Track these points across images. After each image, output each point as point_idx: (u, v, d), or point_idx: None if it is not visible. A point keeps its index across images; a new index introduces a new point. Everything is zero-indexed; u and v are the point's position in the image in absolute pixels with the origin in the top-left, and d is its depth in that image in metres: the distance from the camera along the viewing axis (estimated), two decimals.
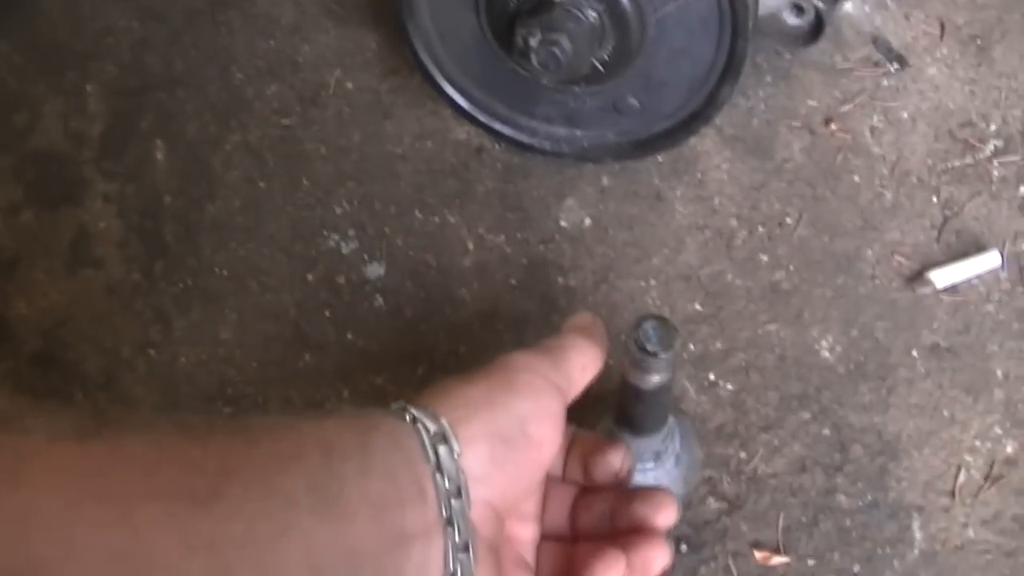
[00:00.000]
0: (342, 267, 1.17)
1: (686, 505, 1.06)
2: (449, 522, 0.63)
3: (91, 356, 1.17)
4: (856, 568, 1.05)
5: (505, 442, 0.68)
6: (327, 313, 1.15)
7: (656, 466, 0.99)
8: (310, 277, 1.17)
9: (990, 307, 1.15)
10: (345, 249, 1.18)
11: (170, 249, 1.21)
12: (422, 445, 0.63)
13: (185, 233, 1.21)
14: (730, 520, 1.06)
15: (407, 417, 0.65)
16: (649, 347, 0.77)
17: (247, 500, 0.51)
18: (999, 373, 1.13)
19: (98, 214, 1.23)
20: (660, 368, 0.80)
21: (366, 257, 1.17)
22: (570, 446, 0.82)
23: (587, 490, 0.82)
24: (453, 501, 0.63)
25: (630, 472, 0.81)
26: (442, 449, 0.63)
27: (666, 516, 0.76)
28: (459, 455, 0.65)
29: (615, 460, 0.79)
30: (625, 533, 0.77)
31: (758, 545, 1.06)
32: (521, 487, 0.73)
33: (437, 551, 0.63)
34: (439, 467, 0.63)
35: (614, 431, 0.94)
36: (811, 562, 1.05)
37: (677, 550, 1.05)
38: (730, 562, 1.05)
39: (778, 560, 1.05)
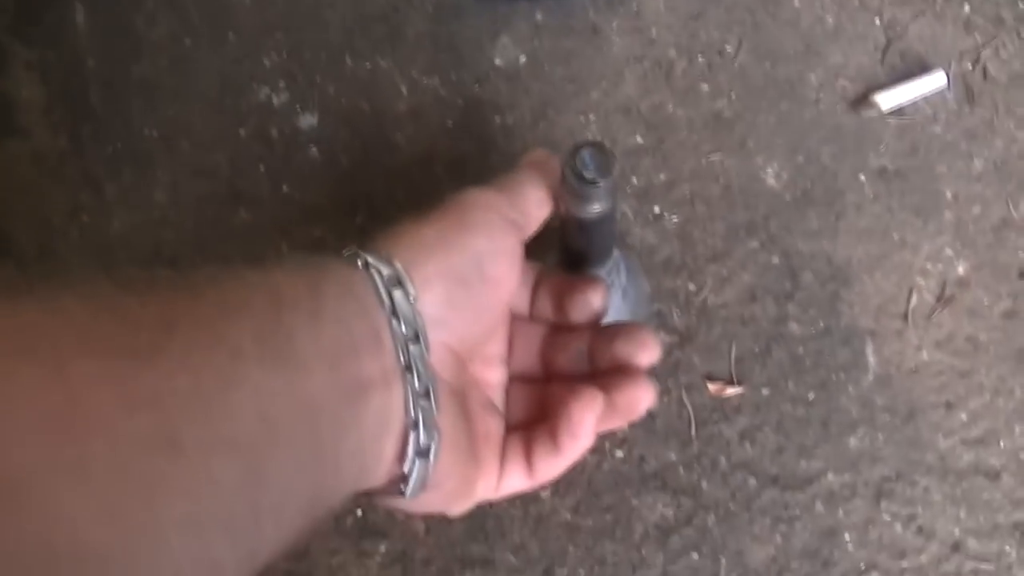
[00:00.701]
0: (274, 119, 1.11)
1: None
2: (408, 368, 0.59)
3: (22, 228, 1.12)
4: (811, 395, 1.02)
5: (462, 282, 0.64)
6: (261, 167, 1.10)
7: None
8: (242, 132, 1.12)
9: (937, 128, 1.11)
10: (276, 101, 1.12)
11: (97, 113, 1.15)
12: (376, 290, 0.59)
13: (111, 96, 1.15)
14: (682, 353, 1.03)
15: (359, 262, 0.60)
16: (587, 175, 0.73)
17: (191, 352, 0.47)
18: (948, 194, 1.09)
19: (20, 82, 1.18)
20: (600, 196, 0.76)
21: (298, 108, 1.12)
22: (536, 284, 0.77)
23: (558, 329, 0.78)
24: (411, 346, 0.59)
25: (606, 310, 0.77)
26: (397, 293, 0.59)
27: (650, 354, 0.72)
28: (415, 298, 0.60)
29: (595, 299, 0.74)
30: (604, 373, 0.73)
31: (711, 377, 1.03)
32: (481, 328, 0.69)
33: (397, 399, 0.59)
34: (395, 312, 0.59)
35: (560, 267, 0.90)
36: (765, 391, 1.02)
37: None
38: (683, 395, 1.02)
39: (732, 391, 1.02)
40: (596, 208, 0.79)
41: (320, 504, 0.56)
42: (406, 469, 0.62)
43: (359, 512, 1.00)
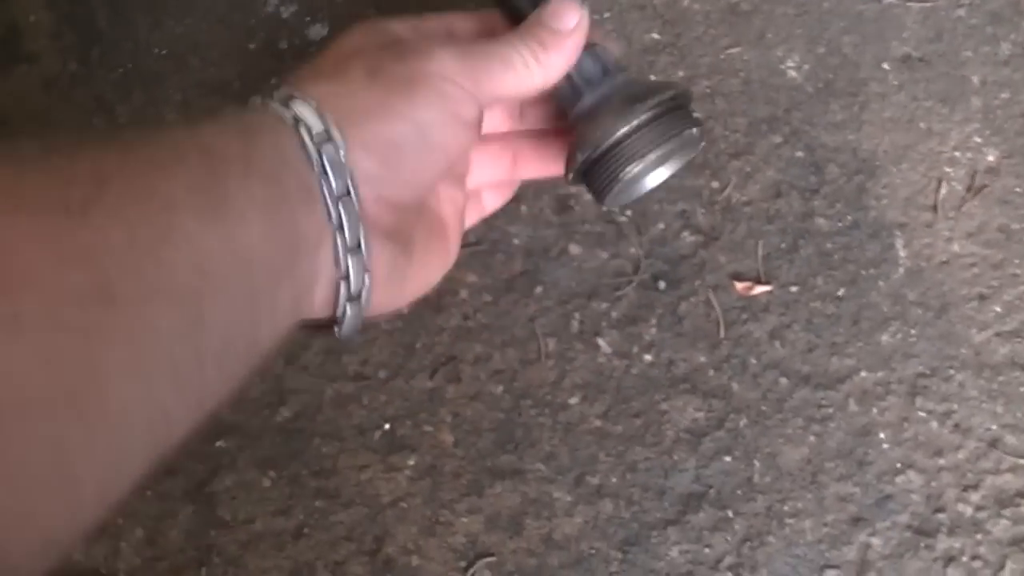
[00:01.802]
0: (283, 32, 1.06)
1: (661, 241, 0.97)
2: (339, 226, 0.57)
3: None
4: (840, 292, 0.97)
5: (400, 147, 0.61)
6: (273, 81, 1.05)
7: None
8: (252, 46, 1.07)
9: (961, 12, 1.05)
10: (285, 13, 1.07)
11: (105, 34, 1.10)
12: (303, 146, 0.57)
13: (118, 16, 1.10)
14: (707, 253, 0.98)
15: (290, 118, 0.57)
16: None
17: (124, 206, 0.44)
18: (975, 80, 1.03)
19: (26, 7, 1.13)
20: None
21: (307, 19, 1.07)
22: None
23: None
24: (342, 202, 0.57)
25: None
26: (328, 148, 0.57)
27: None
28: (346, 156, 0.58)
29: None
30: None
31: (738, 276, 0.98)
32: (423, 183, 0.66)
33: (327, 253, 0.59)
34: (324, 169, 0.57)
35: None
36: (794, 289, 0.97)
37: (655, 288, 0.97)
38: (711, 295, 0.97)
39: (760, 289, 0.97)
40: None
41: (258, 349, 0.56)
42: (338, 314, 0.62)
43: (387, 426, 0.97)
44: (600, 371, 0.95)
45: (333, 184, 0.57)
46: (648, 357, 0.96)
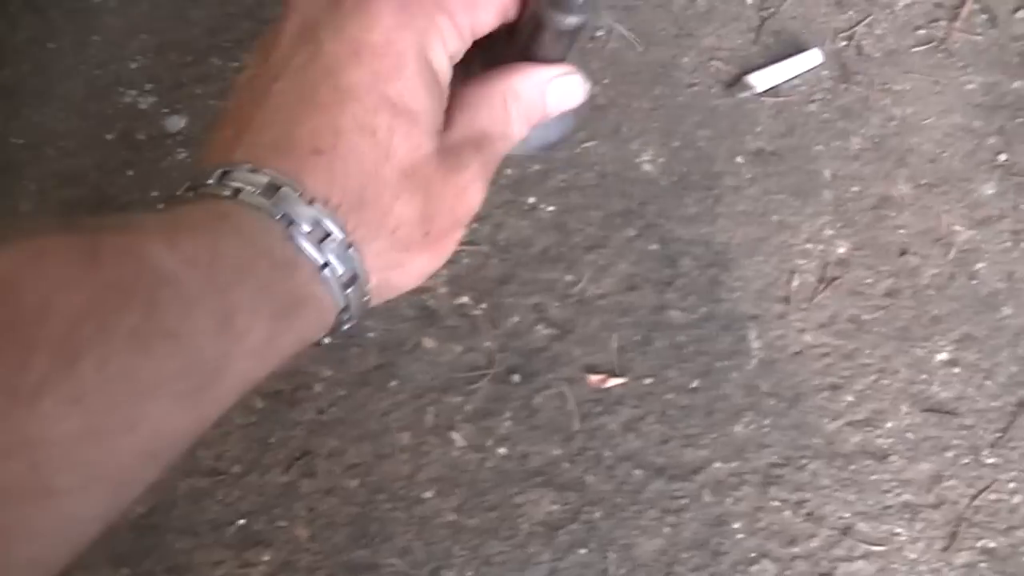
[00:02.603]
0: (141, 123, 1.06)
1: (515, 334, 0.97)
2: (345, 307, 0.48)
3: None
4: (695, 383, 0.98)
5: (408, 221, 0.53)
6: (129, 172, 1.05)
7: None
8: (109, 136, 1.06)
9: (813, 107, 1.07)
10: (143, 104, 1.07)
11: None
12: (300, 250, 0.46)
13: None
14: (561, 346, 0.99)
15: (274, 215, 0.45)
16: None
17: (87, 394, 0.40)
18: (826, 173, 1.05)
19: None
20: (582, 8, 0.73)
21: (165, 110, 1.06)
22: None
23: None
24: (350, 289, 0.49)
25: None
26: (328, 246, 0.46)
27: None
28: (352, 251, 0.47)
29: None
30: None
31: (592, 369, 0.98)
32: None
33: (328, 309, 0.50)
34: (329, 264, 0.47)
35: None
36: (647, 381, 0.98)
37: (509, 381, 0.97)
38: (565, 389, 0.97)
39: (614, 382, 0.98)
40: (576, 17, 0.75)
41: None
42: (342, 328, 0.55)
43: (241, 521, 0.95)
44: (454, 465, 0.95)
45: (339, 272, 0.46)
46: (502, 450, 0.96)
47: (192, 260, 0.47)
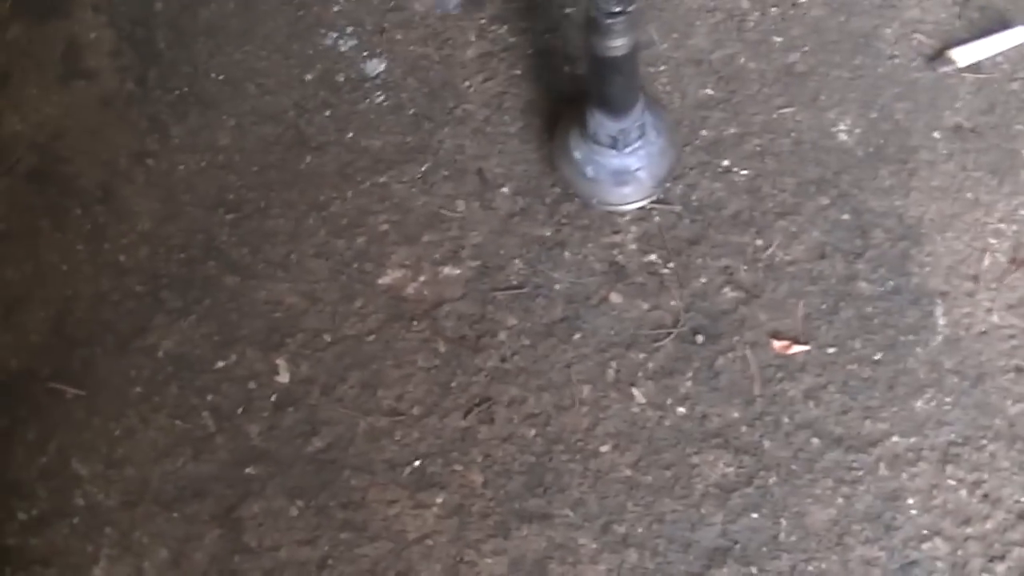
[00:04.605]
0: (341, 65, 1.08)
1: (702, 295, 0.98)
2: None
3: (88, 170, 1.10)
4: (878, 356, 0.97)
5: None
6: (327, 113, 1.07)
7: (640, 145, 0.93)
8: (308, 77, 1.08)
9: (1015, 85, 1.06)
10: (344, 46, 1.09)
11: (164, 56, 1.12)
12: None
13: (178, 39, 1.12)
14: (748, 309, 0.99)
15: None
16: (611, 7, 0.72)
17: None
18: None
19: (88, 24, 1.15)
20: (625, 30, 0.74)
21: (365, 53, 1.08)
22: None
23: None
24: None
25: None
26: None
27: None
28: None
29: None
30: None
31: (777, 334, 0.98)
32: None
33: None
34: None
35: (592, 114, 0.90)
36: (831, 350, 0.98)
37: (693, 341, 0.98)
38: (748, 353, 0.98)
39: (797, 349, 0.97)
40: (621, 43, 0.77)
41: None
42: None
43: (417, 463, 0.97)
44: (633, 421, 0.95)
45: None
46: (682, 410, 0.97)
47: None
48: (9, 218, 1.09)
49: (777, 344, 0.98)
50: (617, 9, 0.74)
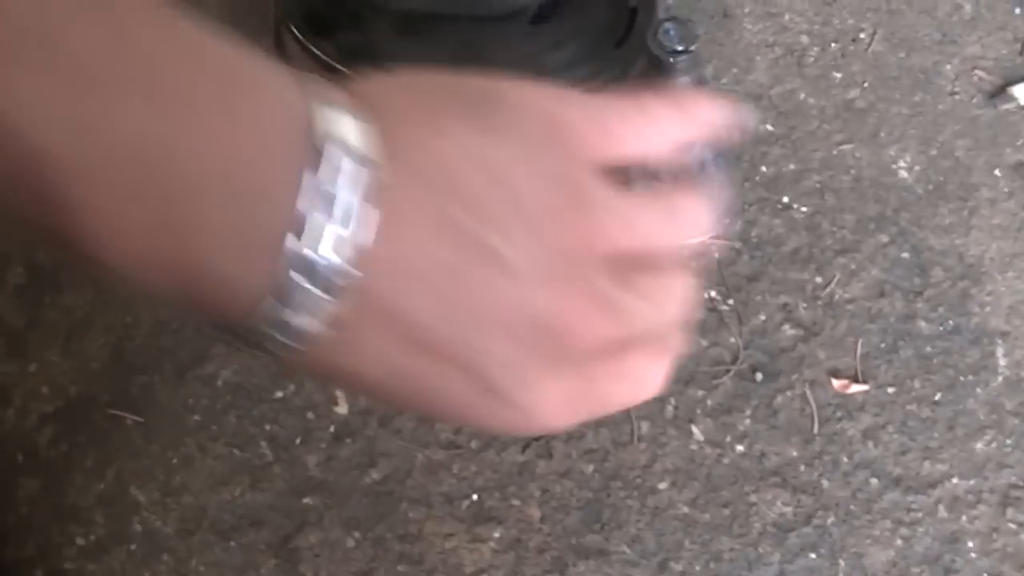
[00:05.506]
0: None
1: (761, 332, 0.97)
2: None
3: None
4: (937, 396, 0.97)
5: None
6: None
7: (699, 180, 0.93)
8: None
9: None
10: None
11: None
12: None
13: None
14: (807, 347, 0.98)
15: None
16: (673, 46, 0.72)
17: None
18: None
19: None
20: (687, 68, 0.74)
21: None
22: None
23: None
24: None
25: None
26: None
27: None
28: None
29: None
30: None
31: (836, 373, 0.98)
32: None
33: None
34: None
35: None
36: (891, 390, 0.97)
37: (752, 379, 0.97)
38: (807, 391, 0.97)
39: (857, 388, 0.97)
40: (684, 81, 0.77)
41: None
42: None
43: (475, 496, 0.97)
44: (692, 458, 0.95)
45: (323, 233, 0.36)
46: (740, 447, 0.96)
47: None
48: None
49: (836, 383, 0.98)
50: (680, 48, 0.74)
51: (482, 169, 0.39)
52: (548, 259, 0.40)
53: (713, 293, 1.00)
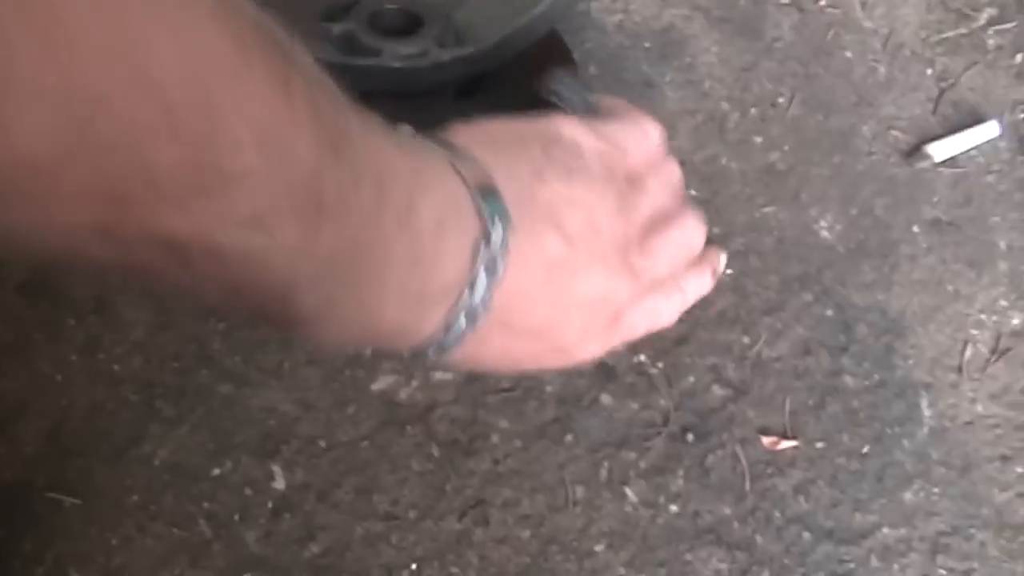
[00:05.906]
0: None
1: (691, 393, 0.99)
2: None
3: (79, 281, 1.10)
4: (865, 449, 0.99)
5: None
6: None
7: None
8: None
9: (990, 178, 1.08)
10: None
11: None
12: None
13: None
14: (736, 407, 1.00)
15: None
16: (566, 94, 0.73)
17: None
18: (1002, 245, 1.06)
19: None
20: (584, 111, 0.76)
21: None
22: None
23: None
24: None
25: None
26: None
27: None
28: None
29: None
30: None
31: (766, 431, 0.99)
32: None
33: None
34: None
35: None
36: (820, 445, 0.99)
37: (684, 440, 0.99)
38: (738, 449, 0.99)
39: (786, 444, 0.99)
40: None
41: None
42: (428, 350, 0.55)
43: (414, 566, 0.99)
44: (626, 520, 0.96)
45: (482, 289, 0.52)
46: (674, 507, 0.97)
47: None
48: (1, 331, 1.09)
49: (766, 440, 0.99)
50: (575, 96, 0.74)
51: (576, 210, 0.56)
52: (607, 256, 0.58)
53: (642, 357, 1.02)
